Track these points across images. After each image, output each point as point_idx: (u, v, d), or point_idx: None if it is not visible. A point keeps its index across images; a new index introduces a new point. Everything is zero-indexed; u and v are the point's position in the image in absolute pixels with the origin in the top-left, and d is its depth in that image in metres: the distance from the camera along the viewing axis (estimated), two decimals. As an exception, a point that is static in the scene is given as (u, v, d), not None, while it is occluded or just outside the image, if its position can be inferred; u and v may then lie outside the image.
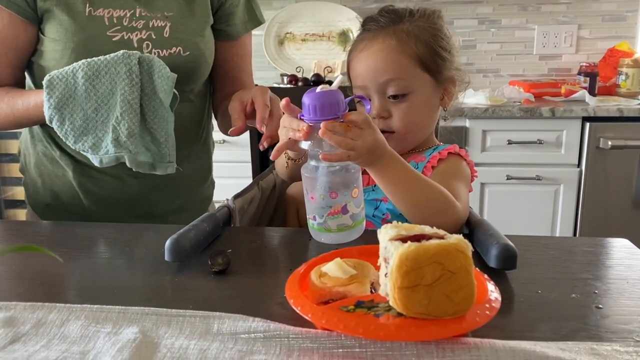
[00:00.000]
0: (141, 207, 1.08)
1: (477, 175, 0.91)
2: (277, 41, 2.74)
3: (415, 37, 0.85)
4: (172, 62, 0.97)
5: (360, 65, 0.88)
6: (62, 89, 0.89)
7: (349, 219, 0.74)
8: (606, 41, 2.59)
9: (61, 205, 1.08)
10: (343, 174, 0.73)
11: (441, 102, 0.91)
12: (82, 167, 1.04)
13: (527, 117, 2.15)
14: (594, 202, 2.18)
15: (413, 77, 0.86)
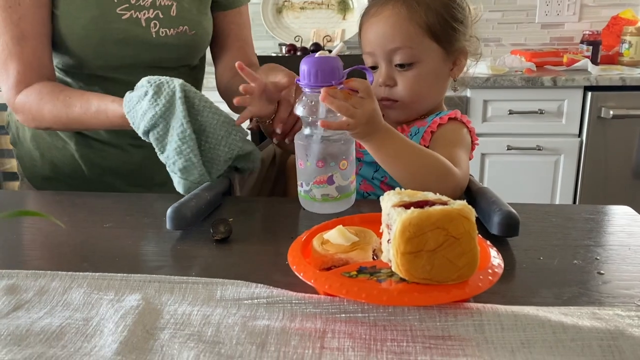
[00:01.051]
0: (142, 176, 1.09)
1: (478, 142, 0.90)
2: (275, 9, 2.70)
3: (425, 6, 0.84)
4: (179, 41, 1.01)
5: (369, 31, 0.87)
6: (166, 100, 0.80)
7: (334, 190, 0.73)
8: (610, 9, 2.55)
9: (61, 177, 1.08)
10: (334, 144, 0.72)
11: (450, 73, 0.90)
12: (84, 139, 1.04)
13: (529, 87, 2.13)
14: (594, 172, 2.18)
15: (421, 46, 0.84)
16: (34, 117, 0.95)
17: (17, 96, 0.95)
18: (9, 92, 0.95)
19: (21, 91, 0.94)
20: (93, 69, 0.99)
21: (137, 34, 0.98)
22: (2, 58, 0.94)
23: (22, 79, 0.94)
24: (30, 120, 0.96)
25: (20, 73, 0.93)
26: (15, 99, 0.95)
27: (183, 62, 1.07)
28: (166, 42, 1.01)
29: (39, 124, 0.97)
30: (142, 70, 1.00)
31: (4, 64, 0.94)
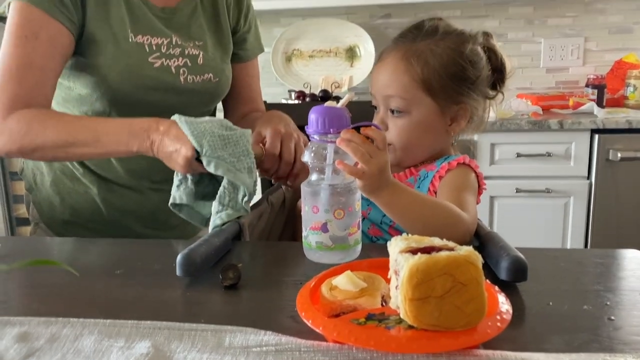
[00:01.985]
0: (158, 219, 1.13)
1: (486, 187, 0.91)
2: (284, 58, 2.77)
3: (424, 60, 0.86)
4: (204, 87, 1.07)
5: (374, 75, 0.93)
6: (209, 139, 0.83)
7: (328, 239, 0.72)
8: (613, 53, 2.59)
9: (81, 220, 1.11)
10: (336, 192, 0.72)
11: (448, 128, 0.91)
12: (106, 183, 1.09)
13: (536, 130, 2.15)
14: (604, 214, 2.17)
15: (413, 98, 0.87)
16: (28, 132, 0.89)
17: (9, 116, 0.91)
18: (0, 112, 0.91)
19: (14, 112, 0.91)
20: (121, 114, 1.02)
21: (167, 81, 1.03)
22: (0, 79, 0.92)
23: (17, 101, 0.91)
24: (18, 137, 0.90)
25: (18, 95, 0.91)
26: (3, 119, 0.91)
27: (205, 107, 1.12)
28: (193, 89, 1.06)
29: (29, 141, 0.90)
30: (167, 115, 1.03)
31: (0, 85, 0.91)
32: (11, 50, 0.92)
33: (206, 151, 0.82)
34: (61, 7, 0.93)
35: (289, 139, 0.93)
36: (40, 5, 0.92)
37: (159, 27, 1.03)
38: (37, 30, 0.92)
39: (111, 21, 0.98)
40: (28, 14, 0.92)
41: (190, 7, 1.08)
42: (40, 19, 0.92)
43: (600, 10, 2.58)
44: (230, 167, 0.83)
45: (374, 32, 2.69)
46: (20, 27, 0.92)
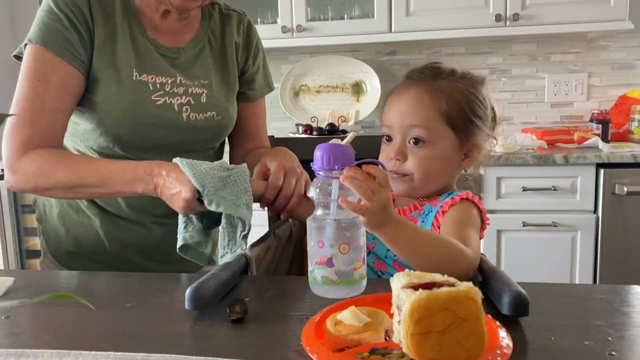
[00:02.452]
0: (161, 253, 1.14)
1: (489, 222, 0.93)
2: (292, 93, 2.82)
3: (448, 95, 0.90)
4: (207, 125, 1.09)
5: (391, 106, 0.94)
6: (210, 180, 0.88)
7: (333, 274, 0.74)
8: (617, 88, 2.63)
9: (84, 252, 1.13)
10: (340, 227, 0.74)
11: (462, 163, 0.94)
12: (109, 216, 1.10)
13: (541, 164, 2.16)
14: (612, 248, 2.16)
15: (437, 129, 0.90)
16: (41, 174, 0.94)
17: (22, 157, 0.96)
18: (13, 153, 0.96)
19: (27, 153, 0.96)
20: (124, 150, 1.05)
21: (170, 118, 1.05)
22: (15, 122, 0.96)
23: (30, 142, 0.96)
24: (32, 179, 0.95)
25: (31, 137, 0.96)
26: (19, 158, 0.96)
27: (208, 144, 1.14)
28: (195, 126, 1.08)
29: (42, 182, 0.95)
30: (171, 152, 1.07)
31: (15, 127, 0.96)
32: (25, 93, 0.97)
33: (208, 191, 0.87)
34: (72, 49, 0.98)
35: (292, 174, 0.97)
36: (52, 49, 0.97)
37: (164, 67, 1.06)
38: (48, 73, 0.97)
39: (117, 60, 1.02)
40: (40, 57, 0.98)
41: (198, 48, 1.11)
42: (52, 62, 0.97)
43: (602, 47, 2.63)
44: (231, 204, 0.87)
45: (379, 68, 2.75)
46: (33, 70, 0.97)
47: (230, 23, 1.15)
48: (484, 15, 2.38)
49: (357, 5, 2.62)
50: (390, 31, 2.46)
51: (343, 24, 2.55)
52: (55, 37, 0.97)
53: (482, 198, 2.22)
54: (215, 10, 1.15)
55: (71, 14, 0.98)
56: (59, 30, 0.98)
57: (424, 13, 2.43)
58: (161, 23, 1.07)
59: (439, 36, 2.46)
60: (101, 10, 1.02)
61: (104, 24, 1.02)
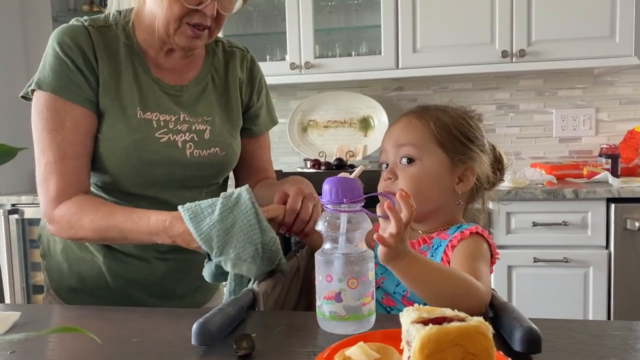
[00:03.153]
0: (164, 288, 1.14)
1: (499, 257, 0.92)
2: (300, 128, 2.85)
3: (435, 117, 0.94)
4: (210, 161, 1.10)
5: (386, 135, 0.99)
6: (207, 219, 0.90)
7: (342, 309, 0.72)
8: (625, 123, 2.63)
9: (86, 288, 1.13)
10: (348, 261, 0.73)
11: (456, 186, 0.94)
12: (112, 252, 1.10)
13: (551, 199, 2.15)
14: (626, 284, 2.12)
15: (425, 147, 0.93)
16: (72, 226, 0.99)
17: (56, 208, 1.01)
18: (48, 204, 1.01)
19: (60, 204, 1.00)
20: (127, 187, 1.06)
21: (173, 155, 1.06)
22: (44, 174, 1.01)
23: (61, 193, 1.00)
24: (66, 229, 1.01)
25: (60, 188, 1.00)
26: (53, 211, 1.01)
27: (212, 180, 1.14)
28: (199, 162, 1.08)
29: (75, 234, 1.00)
30: (174, 188, 1.08)
31: (45, 180, 1.01)
32: (46, 145, 1.01)
33: (215, 253, 0.89)
34: (80, 91, 1.01)
35: (310, 199, 0.98)
36: (62, 95, 1.00)
37: (168, 105, 1.07)
38: (62, 120, 1.00)
39: (121, 98, 1.04)
40: (52, 105, 1.00)
41: (201, 86, 1.12)
42: (63, 108, 1.00)
43: (609, 83, 2.64)
44: (237, 260, 0.88)
45: (386, 103, 2.77)
46: (49, 120, 1.00)
47: (233, 60, 1.17)
48: (490, 51, 2.41)
49: (365, 43, 2.66)
50: (397, 67, 2.50)
51: (350, 61, 2.59)
52: (64, 82, 1.00)
53: (492, 233, 2.20)
54: (218, 48, 1.17)
55: (76, 57, 1.01)
56: (66, 75, 1.00)
57: (431, 50, 2.46)
58: (165, 61, 1.09)
59: (446, 72, 2.49)
60: (105, 50, 1.04)
61: (108, 63, 1.04)
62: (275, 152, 2.99)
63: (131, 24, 1.07)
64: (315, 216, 0.97)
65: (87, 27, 1.04)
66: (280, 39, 2.63)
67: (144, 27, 1.06)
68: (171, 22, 1.00)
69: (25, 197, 2.53)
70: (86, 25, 1.04)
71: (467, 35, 2.43)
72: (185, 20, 1.00)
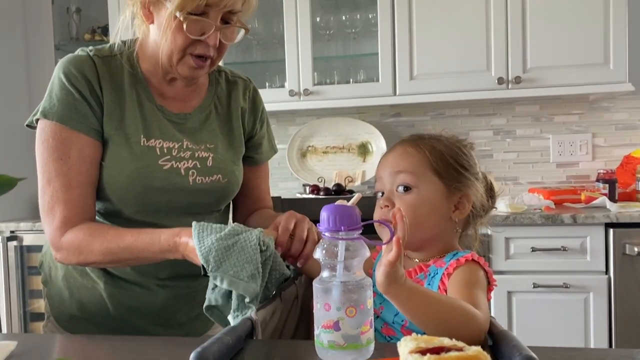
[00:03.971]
0: (165, 316, 1.13)
1: (496, 284, 0.91)
2: (299, 154, 2.86)
3: (431, 146, 0.94)
4: (213, 188, 1.10)
5: (380, 164, 0.99)
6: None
7: (340, 338, 0.72)
8: (621, 148, 2.65)
9: (87, 315, 1.12)
10: (346, 289, 0.73)
11: (452, 214, 0.94)
12: (113, 279, 1.10)
13: (549, 224, 2.15)
14: (627, 310, 2.11)
15: (422, 175, 0.93)
16: (81, 252, 1.00)
17: (63, 236, 1.01)
18: (55, 232, 1.02)
19: (67, 231, 1.01)
20: (130, 214, 1.06)
21: (176, 182, 1.07)
22: (50, 203, 1.02)
23: (67, 222, 1.01)
24: (75, 255, 1.01)
25: (66, 217, 1.01)
26: (60, 238, 1.01)
27: (214, 207, 1.15)
28: (201, 189, 1.09)
29: (85, 258, 1.00)
30: (177, 215, 1.08)
31: (52, 208, 1.02)
32: (52, 174, 1.01)
33: (212, 267, 0.88)
34: (85, 120, 1.02)
35: (303, 221, 0.98)
36: (68, 124, 1.01)
37: (172, 132, 1.09)
38: (68, 150, 1.01)
39: (125, 126, 1.05)
40: (58, 134, 1.01)
41: (205, 114, 1.14)
42: (69, 138, 1.01)
43: (605, 108, 2.67)
44: (234, 278, 0.87)
45: (385, 129, 2.79)
46: (54, 149, 1.01)
47: (236, 89, 1.19)
48: (486, 78, 2.44)
49: (362, 70, 2.70)
50: (395, 94, 2.52)
51: (349, 88, 2.62)
52: (70, 112, 1.01)
53: (491, 259, 2.19)
54: (222, 77, 1.19)
55: (82, 86, 1.02)
56: (72, 104, 1.02)
57: (427, 77, 2.49)
58: (168, 90, 1.11)
59: (443, 99, 2.51)
60: (110, 79, 1.06)
61: (113, 92, 1.05)
62: (275, 178, 3.03)
63: (135, 53, 1.08)
64: (312, 238, 0.97)
65: (93, 57, 1.06)
66: (279, 66, 2.66)
67: (147, 57, 1.08)
68: (174, 52, 1.01)
69: (24, 223, 2.52)
70: (91, 55, 1.06)
71: (463, 62, 2.46)
72: (189, 50, 1.01)
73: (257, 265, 0.89)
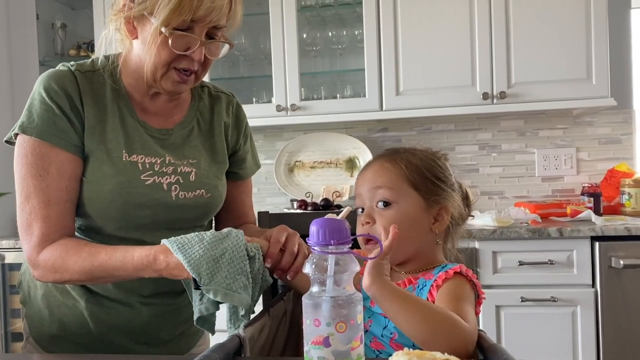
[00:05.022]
0: (148, 334, 1.11)
1: (485, 297, 0.91)
2: (287, 169, 2.86)
3: (406, 160, 0.96)
4: (196, 203, 1.09)
5: (358, 180, 1.00)
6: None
7: (330, 354, 0.71)
8: (605, 162, 2.68)
9: (68, 335, 1.09)
10: (336, 304, 0.72)
11: (432, 226, 0.95)
12: (95, 297, 1.07)
13: (536, 238, 2.16)
14: (614, 323, 2.11)
15: (400, 189, 0.94)
16: (56, 270, 0.98)
17: (41, 253, 0.99)
18: (32, 250, 0.99)
19: (44, 249, 0.99)
20: (112, 230, 1.04)
21: (158, 197, 1.05)
22: (28, 220, 0.99)
23: (45, 239, 0.99)
24: (51, 273, 0.99)
25: (45, 234, 0.99)
26: (38, 255, 0.99)
27: (197, 222, 1.13)
28: (184, 204, 1.07)
29: (60, 277, 0.99)
30: (159, 230, 1.06)
31: (29, 226, 0.99)
32: (30, 190, 0.99)
33: (204, 281, 0.87)
34: (65, 136, 1.01)
35: (294, 235, 0.99)
36: (47, 140, 0.99)
37: (154, 148, 1.07)
38: (47, 166, 0.99)
39: (107, 141, 1.03)
40: (37, 151, 1.00)
41: (187, 129, 1.12)
42: (48, 154, 0.99)
43: (588, 123, 2.71)
44: (227, 290, 0.87)
45: (372, 144, 2.80)
46: (34, 166, 0.99)
47: (219, 104, 1.18)
48: (471, 93, 2.47)
49: (349, 86, 2.71)
50: (382, 109, 2.54)
51: (336, 103, 2.63)
52: (49, 128, 0.99)
53: (479, 273, 2.19)
54: (204, 93, 1.18)
55: (62, 102, 1.00)
56: (52, 120, 1.00)
57: (413, 92, 2.51)
58: (150, 105, 1.09)
59: (428, 114, 2.53)
60: (91, 94, 1.04)
61: (94, 107, 1.04)
62: (262, 193, 3.02)
63: (119, 68, 1.07)
64: (302, 252, 0.97)
65: (74, 71, 1.04)
66: (266, 82, 2.66)
67: (130, 72, 1.06)
68: (159, 67, 1.00)
69: (6, 241, 2.48)
70: (73, 70, 1.04)
71: (448, 78, 2.48)
72: (173, 65, 1.01)
73: (247, 275, 0.89)
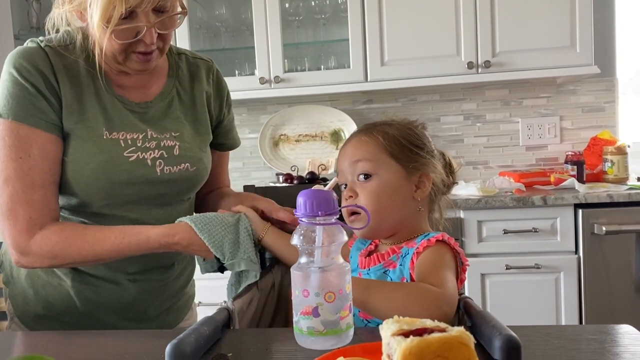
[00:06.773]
0: (135, 311, 1.10)
1: (469, 264, 0.92)
2: (272, 143, 2.84)
3: (383, 132, 0.96)
4: (181, 177, 1.07)
5: (339, 157, 1.01)
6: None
7: (319, 324, 0.71)
8: (588, 130, 2.70)
9: (54, 314, 1.08)
10: (325, 274, 0.72)
11: (414, 194, 0.96)
12: (80, 276, 1.06)
13: (520, 207, 2.18)
14: (595, 288, 2.16)
15: (379, 160, 0.94)
16: (56, 256, 0.97)
17: (32, 239, 0.96)
18: (19, 236, 0.97)
19: (35, 234, 0.96)
20: (97, 208, 1.02)
21: (143, 174, 1.03)
22: (10, 204, 0.96)
23: (33, 224, 0.96)
24: (47, 260, 0.97)
25: (32, 218, 0.96)
26: (28, 242, 0.96)
27: (184, 196, 1.11)
28: (170, 179, 1.06)
29: (58, 262, 0.98)
30: (145, 206, 1.05)
31: (12, 210, 0.96)
32: (9, 174, 0.96)
33: (227, 258, 0.98)
34: (44, 116, 0.97)
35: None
36: (25, 121, 0.96)
37: (134, 123, 1.04)
38: (28, 148, 0.96)
39: (86, 119, 1.00)
40: (16, 133, 0.96)
41: (167, 101, 1.09)
42: (28, 136, 0.96)
43: (571, 92, 2.71)
44: (248, 262, 0.99)
45: (357, 116, 2.79)
46: (13, 149, 0.96)
47: (198, 72, 1.14)
48: (456, 63, 2.45)
49: (333, 57, 2.68)
50: (366, 80, 2.51)
51: (320, 75, 2.60)
52: (26, 108, 0.96)
53: (464, 242, 2.22)
54: (182, 61, 1.14)
55: (36, 80, 0.96)
56: (28, 100, 0.96)
57: (398, 62, 2.49)
58: (126, 80, 1.05)
59: (413, 84, 2.52)
60: (65, 72, 1.00)
61: (70, 85, 1.00)
62: (247, 168, 3.00)
63: (91, 42, 1.03)
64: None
65: (44, 47, 0.99)
66: (248, 53, 2.62)
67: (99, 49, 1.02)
68: (117, 54, 0.97)
69: (-12, 220, 2.44)
70: (42, 46, 0.99)
71: (433, 47, 2.46)
72: (130, 49, 0.97)
73: (255, 251, 1.01)
